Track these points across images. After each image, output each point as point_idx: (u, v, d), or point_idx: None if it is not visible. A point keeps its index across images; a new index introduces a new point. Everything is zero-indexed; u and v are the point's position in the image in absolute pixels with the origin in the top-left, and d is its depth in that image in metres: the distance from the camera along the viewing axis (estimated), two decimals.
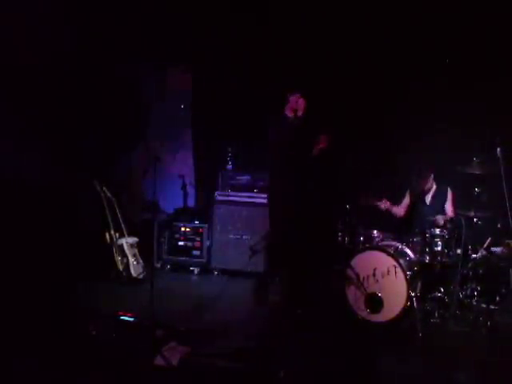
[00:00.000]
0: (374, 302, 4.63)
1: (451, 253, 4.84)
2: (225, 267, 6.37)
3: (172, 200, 7.06)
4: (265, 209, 6.34)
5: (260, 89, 6.61)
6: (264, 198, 6.39)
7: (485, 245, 4.96)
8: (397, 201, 5.45)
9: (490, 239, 4.97)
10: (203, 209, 6.85)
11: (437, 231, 4.91)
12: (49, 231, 5.51)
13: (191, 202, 7.24)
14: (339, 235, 5.36)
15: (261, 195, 6.43)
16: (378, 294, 4.63)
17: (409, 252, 4.98)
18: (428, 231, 4.92)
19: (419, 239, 4.98)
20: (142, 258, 6.02)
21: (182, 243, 6.58)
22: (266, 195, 6.36)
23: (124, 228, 5.96)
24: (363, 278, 4.70)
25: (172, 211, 6.96)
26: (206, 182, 6.97)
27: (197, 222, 6.66)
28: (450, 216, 5.17)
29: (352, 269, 4.75)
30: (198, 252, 6.52)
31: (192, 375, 3.38)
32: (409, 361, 3.89)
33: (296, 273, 5.09)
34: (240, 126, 6.75)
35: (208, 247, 6.51)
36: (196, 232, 6.57)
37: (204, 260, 6.50)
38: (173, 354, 3.45)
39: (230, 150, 6.74)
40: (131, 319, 3.94)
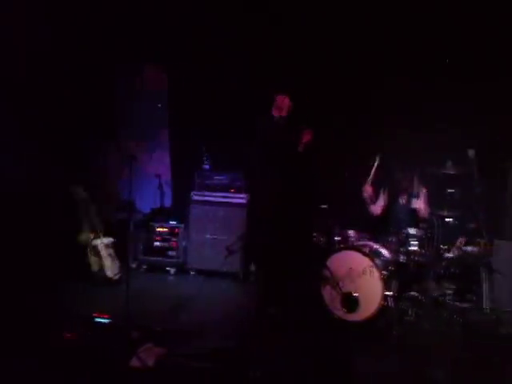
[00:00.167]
0: (350, 302, 4.67)
1: (425, 252, 4.90)
2: (201, 267, 6.34)
3: (148, 200, 7.00)
4: (241, 209, 6.38)
5: (236, 89, 6.62)
6: (240, 198, 6.42)
7: (457, 244, 5.04)
8: (373, 200, 5.50)
9: (463, 238, 5.06)
10: (179, 209, 6.81)
11: (411, 231, 4.97)
12: (22, 232, 5.42)
13: (167, 202, 7.19)
14: (315, 235, 5.38)
15: (237, 195, 6.44)
16: (354, 294, 4.67)
17: (384, 252, 5.04)
18: (403, 231, 4.98)
19: (394, 239, 5.03)
20: (118, 259, 5.96)
21: (158, 243, 6.53)
22: (246, 195, 6.41)
23: (99, 228, 5.89)
24: (339, 278, 4.74)
25: (148, 211, 6.90)
26: (183, 182, 6.92)
27: (173, 222, 6.62)
28: (423, 214, 5.24)
29: (328, 269, 4.78)
30: (174, 252, 6.48)
31: (168, 376, 3.36)
32: (385, 359, 3.94)
33: (275, 273, 5.09)
34: (217, 126, 6.73)
35: (184, 247, 6.48)
36: (172, 232, 6.53)
37: (180, 260, 6.47)
38: (149, 355, 3.42)
39: (207, 150, 6.72)
40: (106, 320, 3.90)
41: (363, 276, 4.67)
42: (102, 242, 5.87)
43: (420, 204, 5.35)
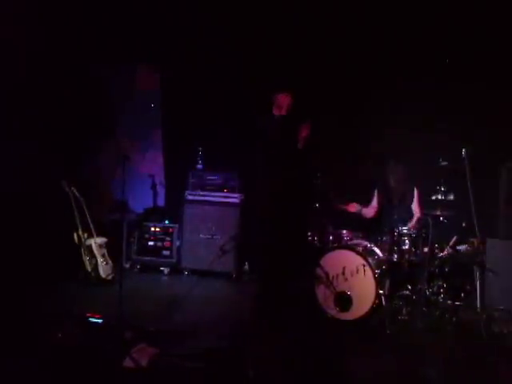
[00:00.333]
0: (343, 301, 4.68)
1: (418, 251, 4.92)
2: (195, 267, 6.34)
3: (142, 200, 7.00)
4: (235, 209, 6.38)
5: (230, 88, 6.62)
6: (234, 198, 6.42)
7: (450, 243, 5.06)
8: (366, 202, 5.52)
9: (456, 238, 5.08)
10: (173, 208, 6.81)
11: (404, 230, 4.99)
12: (16, 232, 5.40)
13: (161, 202, 7.19)
14: (309, 234, 5.39)
15: (231, 195, 6.44)
16: (347, 293, 4.69)
17: (377, 251, 5.06)
18: (396, 230, 5.00)
19: (387, 238, 5.05)
20: (111, 259, 5.94)
21: (152, 243, 6.53)
22: (240, 195, 6.40)
23: (92, 228, 5.88)
24: (332, 277, 4.75)
25: (142, 211, 6.90)
26: (176, 182, 6.92)
27: (167, 222, 6.62)
28: (418, 217, 5.26)
29: (321, 268, 4.79)
30: (168, 252, 6.48)
31: (161, 376, 3.35)
32: (378, 358, 3.95)
33: (275, 273, 5.07)
34: (210, 126, 6.73)
35: (178, 247, 6.48)
36: (166, 232, 6.53)
37: (174, 260, 6.47)
38: (142, 356, 3.41)
39: (201, 150, 6.72)
40: (99, 321, 3.88)
41: (356, 275, 4.68)
42: (96, 242, 5.85)
43: (415, 205, 5.38)
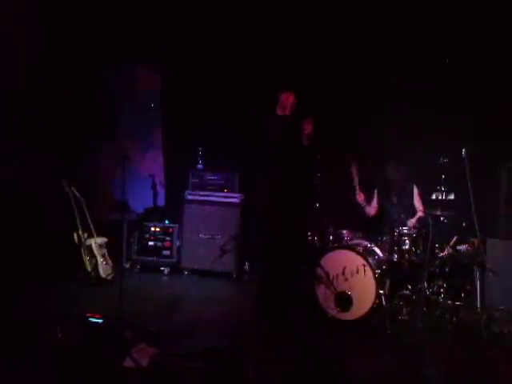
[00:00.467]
0: (344, 301, 4.68)
1: (419, 251, 4.92)
2: (195, 267, 6.34)
3: (142, 200, 7.00)
4: (235, 208, 6.38)
5: (230, 88, 6.61)
6: (234, 198, 6.41)
7: (451, 243, 5.06)
8: (368, 201, 5.52)
9: (456, 237, 5.08)
10: (173, 208, 6.81)
11: (405, 230, 4.99)
12: (16, 232, 5.40)
13: (161, 202, 7.19)
14: (309, 234, 5.38)
15: (231, 195, 6.44)
16: (348, 293, 4.69)
17: (377, 251, 5.06)
18: (396, 230, 5.00)
19: (388, 238, 5.05)
20: (112, 259, 5.94)
21: (152, 243, 6.53)
22: (240, 195, 6.39)
23: (93, 228, 5.88)
24: (333, 277, 4.75)
25: (142, 211, 6.90)
26: (177, 182, 6.92)
27: (167, 222, 6.62)
28: (420, 216, 5.26)
29: (322, 268, 4.79)
30: (168, 252, 6.48)
31: (162, 376, 3.35)
32: (379, 358, 3.94)
33: (276, 273, 5.04)
34: (210, 126, 6.73)
35: (178, 247, 6.48)
36: (166, 232, 6.53)
37: (174, 260, 6.47)
38: (142, 356, 3.41)
39: (201, 150, 6.72)
40: (100, 321, 3.88)
41: (357, 275, 4.68)
42: (96, 242, 5.85)
43: (417, 203, 5.39)
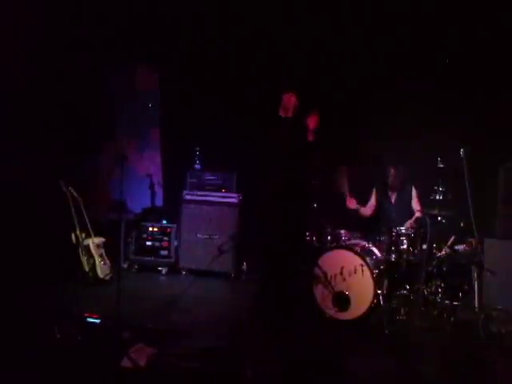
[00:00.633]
0: (342, 301, 4.68)
1: (416, 251, 4.92)
2: (193, 267, 6.34)
3: (139, 200, 6.99)
4: (233, 208, 6.38)
5: (229, 88, 6.61)
6: (232, 198, 6.41)
7: (449, 243, 5.06)
8: (364, 201, 5.52)
9: (454, 237, 5.08)
10: (171, 208, 6.80)
11: (402, 230, 4.99)
12: (14, 232, 5.39)
13: (159, 202, 7.19)
14: (307, 234, 5.38)
15: (229, 195, 6.43)
16: (346, 293, 4.68)
17: (375, 251, 5.06)
18: (394, 230, 5.00)
19: (385, 238, 5.05)
20: (109, 259, 5.93)
21: (150, 243, 6.52)
22: (238, 195, 6.38)
23: (90, 228, 5.87)
24: (331, 277, 4.75)
25: (139, 211, 6.89)
26: (175, 182, 6.92)
27: (165, 222, 6.62)
28: (418, 216, 5.27)
29: (320, 268, 4.79)
30: (166, 252, 6.47)
31: (160, 376, 3.34)
32: (377, 358, 3.94)
33: (275, 273, 5.03)
34: (208, 126, 6.73)
35: (176, 247, 6.48)
36: (164, 232, 6.52)
37: (172, 260, 6.46)
38: (140, 356, 3.40)
39: (199, 150, 6.71)
40: (97, 321, 3.87)
41: (355, 275, 4.68)
42: (93, 242, 5.84)
43: (415, 204, 5.39)
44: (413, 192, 5.46)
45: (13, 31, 5.33)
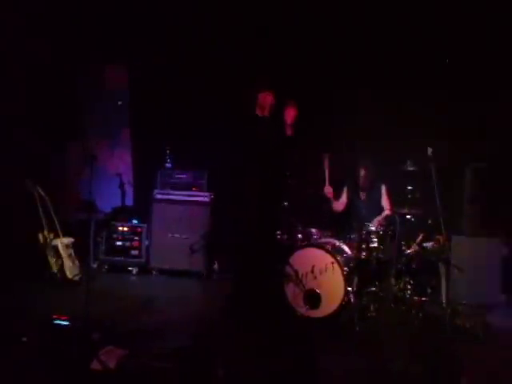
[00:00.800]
0: (313, 298, 4.71)
1: (386, 249, 4.99)
2: (164, 267, 6.30)
3: (109, 199, 6.91)
4: (204, 207, 6.36)
5: (199, 87, 6.58)
6: (203, 197, 6.39)
7: (417, 240, 5.15)
8: (336, 197, 5.57)
9: (422, 235, 5.17)
10: (142, 208, 6.74)
11: (372, 228, 5.06)
12: None
13: (129, 201, 7.11)
14: (278, 233, 5.39)
15: (200, 194, 6.41)
16: (317, 291, 4.71)
17: (346, 249, 5.10)
18: (364, 228, 5.06)
19: (356, 236, 5.11)
20: (78, 259, 5.84)
21: (120, 243, 6.45)
22: (209, 193, 6.35)
23: (59, 228, 5.77)
24: (302, 275, 4.77)
25: (109, 210, 6.81)
26: (145, 181, 6.86)
27: (135, 222, 6.56)
28: (388, 214, 5.34)
29: (291, 266, 4.81)
30: (137, 252, 6.41)
31: (130, 378, 3.31)
32: (348, 355, 3.98)
33: (248, 272, 5.01)
34: (178, 125, 6.69)
35: (147, 247, 6.42)
36: (134, 231, 6.46)
37: (142, 260, 6.41)
38: (110, 357, 3.36)
39: (169, 148, 6.67)
40: (66, 323, 3.81)
41: (325, 273, 4.71)
42: (62, 243, 5.74)
43: (385, 201, 5.47)
44: (382, 190, 5.53)
45: None
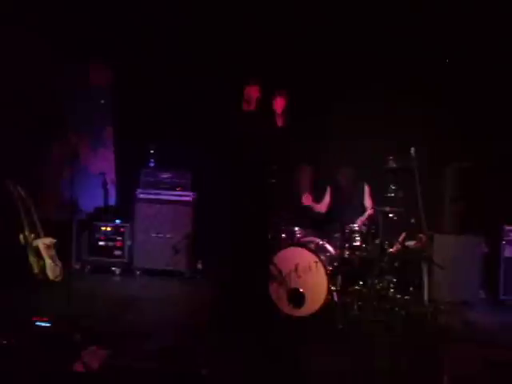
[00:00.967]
0: (297, 298, 4.73)
1: (369, 247, 5.03)
2: (147, 267, 6.26)
3: (92, 199, 6.84)
4: (188, 207, 6.33)
5: (183, 85, 6.55)
6: (187, 196, 6.36)
7: (400, 239, 5.21)
8: (319, 198, 5.60)
9: (405, 234, 5.23)
10: (125, 207, 6.69)
11: (355, 227, 5.09)
12: None
13: (112, 201, 7.06)
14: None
15: (184, 193, 6.38)
16: (300, 290, 4.73)
17: (329, 248, 5.13)
18: (347, 227, 5.09)
19: (339, 235, 5.14)
20: (61, 260, 5.78)
21: (103, 243, 6.39)
22: (193, 193, 6.32)
23: (40, 229, 5.69)
24: (285, 274, 4.78)
25: (92, 210, 6.74)
26: (128, 180, 6.80)
27: (118, 221, 6.50)
28: (370, 213, 5.38)
29: (274, 265, 4.82)
30: (120, 252, 6.36)
31: (113, 379, 3.29)
32: (331, 353, 4.00)
33: (234, 272, 4.98)
34: (163, 123, 6.66)
35: (129, 247, 6.37)
36: (117, 231, 6.41)
37: (125, 260, 6.36)
38: (93, 359, 3.33)
39: (153, 147, 6.63)
40: (47, 324, 3.77)
41: (309, 272, 4.74)
42: (44, 243, 5.66)
43: (367, 201, 5.51)
44: (365, 189, 5.58)
45: None
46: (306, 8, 6.12)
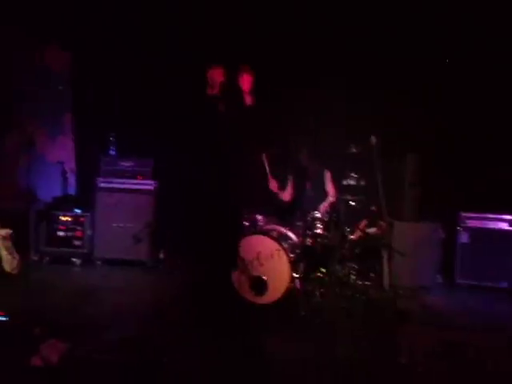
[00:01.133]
0: (259, 285, 4.75)
1: (330, 235, 5.09)
2: (108, 257, 6.17)
3: (51, 188, 6.67)
4: (149, 196, 6.25)
5: (144, 70, 6.44)
6: (148, 185, 6.28)
7: (361, 226, 5.29)
8: (282, 187, 5.62)
9: (365, 221, 5.31)
10: (84, 196, 6.56)
11: (317, 215, 5.14)
12: None
13: (72, 190, 6.91)
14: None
15: (145, 182, 6.29)
16: (263, 277, 4.75)
17: (291, 235, 5.15)
18: (309, 215, 5.13)
19: (301, 223, 5.18)
20: (18, 251, 5.62)
21: (62, 233, 6.25)
22: (154, 182, 6.23)
23: None
24: (248, 262, 4.79)
25: (50, 200, 6.58)
26: (88, 169, 6.67)
27: (78, 211, 6.37)
28: (332, 200, 5.44)
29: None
30: (80, 242, 6.24)
31: (74, 372, 3.24)
32: (294, 340, 4.04)
33: (218, 262, 4.93)
34: (122, 111, 6.54)
35: (90, 236, 6.25)
36: (77, 221, 6.28)
37: (86, 250, 6.24)
38: (52, 352, 3.28)
39: (113, 135, 6.50)
40: (4, 318, 3.68)
41: (271, 260, 4.76)
42: None
43: (329, 187, 5.56)
44: (327, 176, 5.62)
45: None
46: None
